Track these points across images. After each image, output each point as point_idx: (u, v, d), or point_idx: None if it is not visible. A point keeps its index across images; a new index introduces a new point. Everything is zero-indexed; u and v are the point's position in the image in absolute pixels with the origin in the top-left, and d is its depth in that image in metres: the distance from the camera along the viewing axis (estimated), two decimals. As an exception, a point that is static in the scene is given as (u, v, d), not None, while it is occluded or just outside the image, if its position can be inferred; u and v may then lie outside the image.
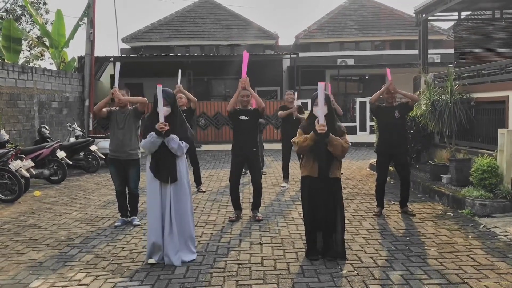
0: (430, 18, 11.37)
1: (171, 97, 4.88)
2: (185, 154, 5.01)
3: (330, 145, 4.59)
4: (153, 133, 4.71)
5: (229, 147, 6.86)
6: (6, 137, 9.64)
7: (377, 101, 6.66)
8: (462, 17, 12.05)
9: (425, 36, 11.21)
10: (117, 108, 6.37)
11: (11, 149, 8.74)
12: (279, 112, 8.97)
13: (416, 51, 13.40)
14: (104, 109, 6.26)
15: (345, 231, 5.05)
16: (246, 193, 8.26)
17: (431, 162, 8.76)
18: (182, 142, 4.77)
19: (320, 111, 4.55)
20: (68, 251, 5.25)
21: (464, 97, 8.36)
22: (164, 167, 4.76)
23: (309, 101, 5.07)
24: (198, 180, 8.80)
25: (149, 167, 4.83)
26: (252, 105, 6.65)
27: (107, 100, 6.22)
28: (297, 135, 4.83)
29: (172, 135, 4.72)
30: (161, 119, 4.68)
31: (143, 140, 4.84)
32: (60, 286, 4.23)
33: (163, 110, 4.69)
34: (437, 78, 9.79)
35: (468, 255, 4.80)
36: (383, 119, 6.69)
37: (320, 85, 4.59)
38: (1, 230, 6.24)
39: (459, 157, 8.12)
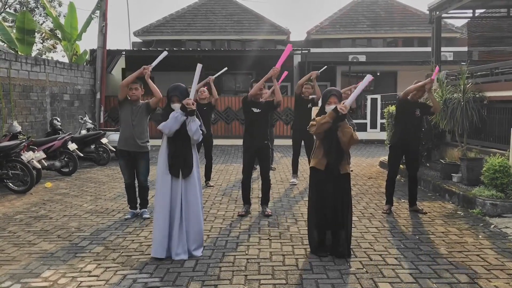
0: (443, 15, 11.24)
1: (184, 93, 4.89)
2: (196, 148, 5.03)
3: (341, 130, 4.60)
4: (179, 110, 4.75)
5: (239, 142, 6.90)
6: (19, 128, 9.76)
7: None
8: (476, 14, 11.90)
9: (438, 34, 11.10)
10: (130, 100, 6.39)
11: (23, 140, 8.83)
12: (300, 81, 8.88)
13: (428, 49, 13.29)
14: (127, 89, 6.26)
15: (353, 228, 5.04)
16: (256, 188, 8.26)
17: (442, 160, 8.70)
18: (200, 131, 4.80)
19: (352, 96, 4.60)
20: (79, 243, 5.30)
21: (477, 95, 8.28)
22: (179, 161, 4.78)
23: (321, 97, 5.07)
24: (208, 175, 8.84)
25: (162, 160, 4.83)
26: (265, 98, 6.72)
27: (137, 75, 6.19)
28: (310, 126, 4.82)
29: (195, 117, 4.76)
30: (192, 96, 4.73)
31: (163, 123, 4.77)
32: (71, 277, 4.27)
33: (195, 88, 4.76)
34: (450, 76, 9.71)
35: (478, 255, 4.77)
36: (404, 114, 6.61)
37: (368, 77, 4.75)
38: (13, 221, 6.32)
39: (471, 156, 8.05)
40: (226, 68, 8.59)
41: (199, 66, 4.81)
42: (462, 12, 11.76)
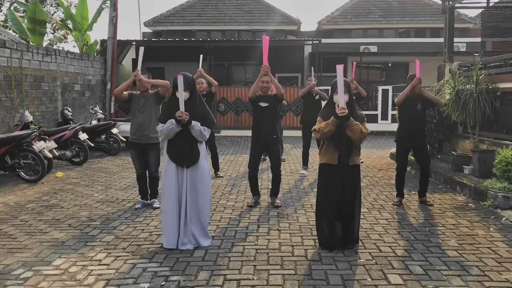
0: (457, 5, 11.09)
1: (190, 82, 4.85)
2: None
3: (350, 129, 4.55)
4: (173, 121, 4.68)
5: (248, 133, 6.87)
6: (30, 118, 9.84)
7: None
8: (490, 4, 11.72)
9: (451, 24, 10.95)
10: (138, 92, 6.42)
11: (35, 130, 8.90)
12: (299, 93, 9.00)
13: (441, 39, 13.15)
14: (125, 92, 6.33)
15: (363, 220, 5.01)
16: (265, 179, 8.27)
17: (453, 152, 8.63)
18: (204, 129, 4.77)
19: (340, 94, 4.50)
20: (89, 232, 5.34)
21: (490, 87, 8.17)
22: (182, 151, 4.75)
23: (329, 88, 4.99)
24: (216, 166, 8.84)
25: (166, 151, 4.83)
26: (273, 91, 6.63)
27: (129, 83, 6.31)
28: (316, 123, 4.78)
29: (193, 123, 4.70)
30: (181, 108, 4.65)
31: (159, 125, 4.81)
32: (82, 265, 4.31)
33: (183, 99, 4.66)
34: (462, 67, 9.58)
35: (489, 248, 4.73)
36: (406, 110, 6.56)
37: (339, 68, 4.51)
38: (25, 209, 6.39)
39: (483, 148, 7.97)
40: (201, 55, 8.71)
41: (180, 78, 4.59)
42: (475, 2, 11.59)
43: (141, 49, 6.30)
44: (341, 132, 4.60)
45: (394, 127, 6.97)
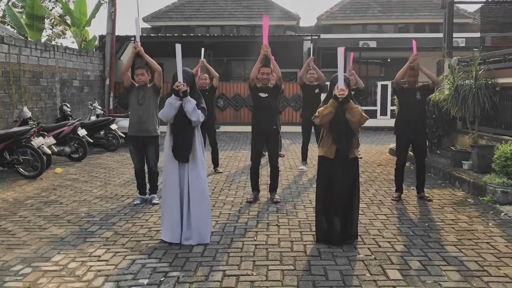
0: (456, 0, 11.06)
1: (190, 76, 4.87)
2: (201, 132, 4.98)
3: (349, 112, 4.56)
4: (172, 95, 4.74)
5: (247, 128, 6.87)
6: (29, 114, 9.82)
7: (401, 81, 6.57)
8: (489, -1, 11.69)
9: (451, 19, 10.91)
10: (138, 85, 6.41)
11: (34, 126, 8.88)
12: (299, 74, 9.01)
13: (440, 35, 13.10)
14: (129, 75, 6.35)
15: (362, 215, 5.01)
16: (264, 174, 8.26)
17: (452, 148, 8.63)
18: (199, 111, 4.78)
19: (340, 75, 4.53)
20: (88, 228, 5.34)
21: (489, 82, 8.15)
22: (182, 146, 4.76)
23: (328, 83, 5.01)
24: (215, 162, 8.84)
25: (167, 146, 4.84)
26: (273, 83, 6.63)
27: (132, 58, 6.33)
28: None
29: (190, 97, 4.73)
30: (180, 79, 4.69)
31: (161, 111, 4.86)
32: (81, 261, 4.31)
33: (181, 70, 4.70)
34: (462, 63, 9.56)
35: (488, 243, 4.74)
36: (404, 101, 6.60)
37: (340, 50, 4.57)
38: (24, 205, 6.38)
39: (482, 143, 7.96)
40: (203, 49, 8.88)
41: (178, 47, 4.78)
42: (475, -3, 11.56)
43: (136, 19, 6.27)
44: (340, 120, 4.60)
45: (393, 122, 6.97)
